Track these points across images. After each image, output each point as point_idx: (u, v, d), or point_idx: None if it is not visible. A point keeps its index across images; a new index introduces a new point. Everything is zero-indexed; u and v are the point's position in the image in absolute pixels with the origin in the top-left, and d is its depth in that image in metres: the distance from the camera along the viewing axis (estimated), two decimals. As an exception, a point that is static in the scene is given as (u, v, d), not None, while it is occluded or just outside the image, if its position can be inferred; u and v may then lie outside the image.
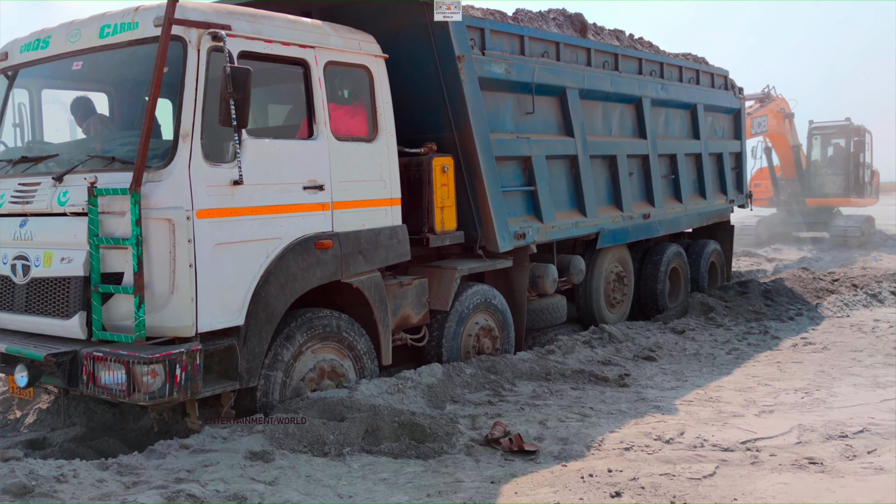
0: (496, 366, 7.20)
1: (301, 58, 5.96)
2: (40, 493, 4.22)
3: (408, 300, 7.05)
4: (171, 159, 5.14)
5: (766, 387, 7.16)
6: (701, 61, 12.44)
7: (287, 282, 5.74)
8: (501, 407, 6.38)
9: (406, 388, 6.29)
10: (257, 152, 5.59)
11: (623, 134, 10.04)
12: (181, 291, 5.11)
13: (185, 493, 4.31)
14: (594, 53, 9.35)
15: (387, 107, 6.63)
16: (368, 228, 6.43)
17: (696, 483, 4.80)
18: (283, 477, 4.74)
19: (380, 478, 4.89)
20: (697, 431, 5.79)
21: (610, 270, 10.00)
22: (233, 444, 5.12)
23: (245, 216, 5.48)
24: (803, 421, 6.00)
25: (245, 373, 5.48)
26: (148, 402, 5.02)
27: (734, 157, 13.08)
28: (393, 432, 5.48)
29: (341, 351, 6.21)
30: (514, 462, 5.23)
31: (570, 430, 5.81)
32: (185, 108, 5.18)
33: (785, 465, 5.10)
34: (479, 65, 7.51)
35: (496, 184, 7.70)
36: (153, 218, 5.07)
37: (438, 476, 4.93)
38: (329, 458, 5.14)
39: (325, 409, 5.63)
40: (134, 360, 4.93)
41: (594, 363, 7.88)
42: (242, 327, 5.46)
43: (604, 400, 6.72)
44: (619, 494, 4.63)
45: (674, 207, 10.99)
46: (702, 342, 9.07)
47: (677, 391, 7.06)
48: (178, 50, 5.21)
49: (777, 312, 10.70)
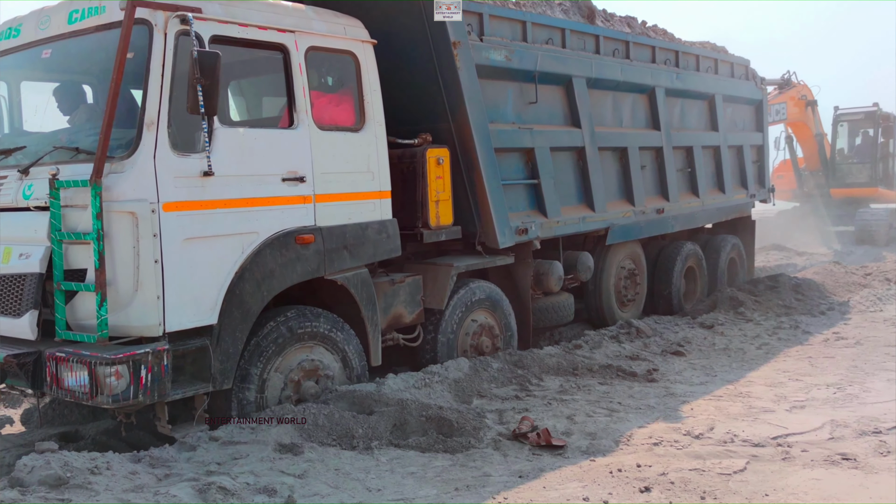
0: (523, 360, 7.14)
1: (280, 43, 5.66)
2: (75, 485, 4.25)
3: (400, 298, 6.73)
4: (134, 149, 4.87)
5: (798, 382, 7.03)
6: (721, 50, 11.99)
7: (264, 278, 5.45)
8: (528, 402, 6.34)
9: (433, 382, 6.27)
10: (231, 142, 5.30)
11: (635, 125, 9.63)
12: (146, 289, 4.84)
13: (216, 485, 4.33)
14: (603, 41, 8.96)
15: (375, 95, 6.31)
16: (355, 223, 6.12)
17: (727, 478, 4.73)
18: (313, 470, 4.75)
19: (408, 471, 4.89)
20: (727, 427, 5.71)
21: (621, 267, 9.60)
22: (262, 435, 5.07)
23: (218, 209, 5.20)
24: (836, 416, 5.89)
25: (218, 374, 5.20)
26: (111, 404, 4.75)
27: (756, 149, 12.60)
28: (420, 426, 5.49)
29: (325, 351, 5.90)
30: (541, 457, 5.20)
31: (598, 425, 5.78)
32: (151, 96, 4.91)
33: (817, 461, 5.00)
34: (476, 51, 7.17)
35: (495, 176, 7.36)
36: (115, 211, 4.80)
37: (466, 470, 4.94)
38: (357, 451, 5.16)
39: (354, 402, 5.65)
40: (96, 361, 4.66)
41: (622, 358, 7.80)
42: (215, 326, 5.19)
43: (632, 395, 6.65)
44: (649, 490, 4.58)
45: (690, 202, 10.56)
46: (731, 337, 8.92)
47: (706, 386, 6.96)
48: (144, 34, 4.94)
49: (808, 307, 10.49)
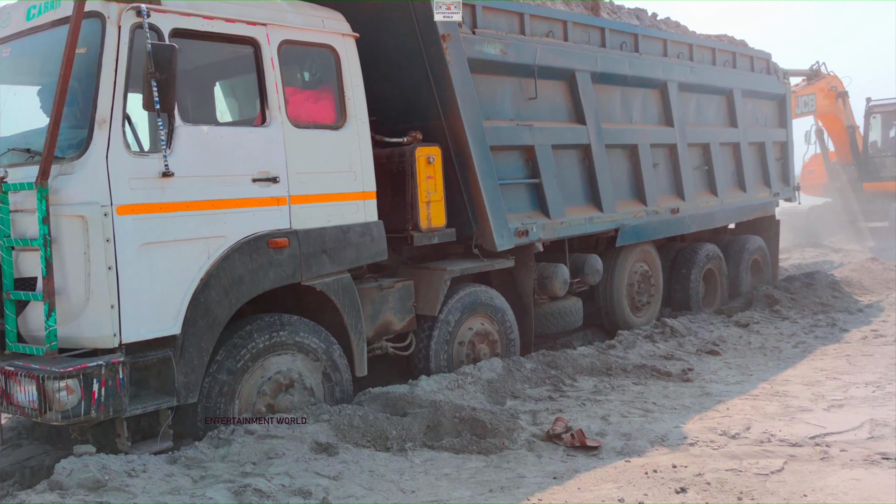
0: (556, 361, 7.13)
1: (249, 36, 5.36)
2: (113, 488, 4.26)
3: (389, 305, 6.39)
4: (85, 149, 4.59)
5: (835, 380, 6.90)
6: (739, 44, 11.48)
7: (232, 285, 5.13)
8: (562, 402, 6.30)
9: (466, 383, 6.24)
10: (194, 140, 5.01)
11: (646, 121, 9.19)
12: (98, 297, 4.55)
13: (251, 487, 4.33)
14: (609, 33, 8.55)
15: (357, 90, 5.98)
16: (335, 225, 5.79)
17: (764, 479, 4.67)
18: (347, 472, 4.77)
19: (442, 473, 4.89)
20: (764, 426, 5.64)
21: (633, 271, 9.13)
22: (298, 431, 5.08)
23: (179, 212, 4.90)
24: (875, 416, 5.78)
25: (182, 388, 4.90)
26: (62, 421, 4.46)
27: (779, 146, 12.06)
28: (454, 428, 5.47)
29: (304, 361, 5.57)
30: (576, 458, 5.18)
31: (632, 426, 5.73)
32: (103, 92, 4.63)
33: (856, 461, 4.90)
34: (468, 44, 6.81)
35: (491, 176, 6.98)
36: (64, 215, 4.53)
37: (500, 471, 4.93)
38: (391, 452, 5.17)
39: (388, 404, 5.70)
40: (45, 375, 4.38)
41: (656, 358, 7.71)
42: (179, 337, 4.88)
43: (666, 395, 6.59)
44: (685, 490, 4.53)
45: (708, 201, 10.08)
46: (767, 335, 8.79)
47: (742, 385, 6.88)
48: (96, 27, 4.66)
49: (845, 304, 10.27)
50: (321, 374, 5.66)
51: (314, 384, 5.62)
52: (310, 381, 5.59)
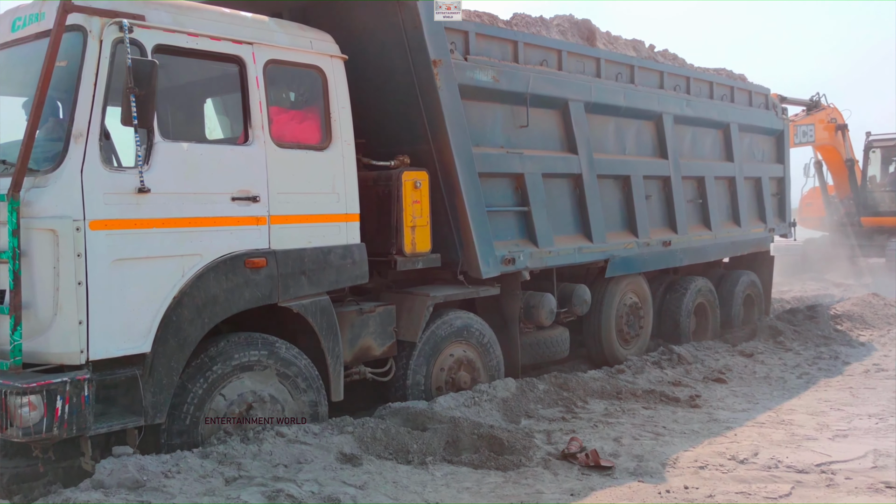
0: (567, 383, 7.36)
1: (235, 54, 5.34)
2: (151, 488, 4.41)
3: (370, 329, 6.31)
4: (60, 162, 4.55)
5: (839, 411, 7.09)
6: (738, 78, 11.48)
7: (206, 305, 5.07)
8: (575, 423, 6.51)
9: (482, 401, 6.42)
10: (173, 157, 4.96)
11: (640, 153, 9.15)
12: (66, 312, 4.48)
13: (284, 492, 4.50)
14: (605, 64, 8.54)
15: (343, 112, 5.95)
16: (315, 246, 5.73)
17: (773, 502, 4.85)
18: (372, 482, 4.92)
19: (463, 486, 5.05)
20: (771, 453, 5.80)
21: (623, 302, 9.05)
22: (325, 440, 5.30)
23: (155, 229, 4.85)
24: (878, 446, 5.95)
25: (150, 407, 4.81)
26: (22, 438, 4.38)
27: (776, 182, 12.01)
28: (472, 444, 5.64)
29: (277, 384, 5.48)
30: (590, 476, 5.34)
31: (644, 448, 5.90)
32: (81, 106, 4.60)
33: (861, 489, 5.07)
34: (459, 71, 6.78)
35: (479, 202, 6.93)
36: (35, 228, 4.47)
37: (519, 487, 5.08)
38: (413, 465, 5.31)
39: (408, 419, 5.89)
40: (7, 391, 4.30)
41: (664, 384, 7.93)
42: (149, 355, 4.81)
43: (676, 420, 6.78)
44: None
45: (701, 235, 10.02)
46: (771, 366, 9.03)
47: (749, 413, 7.08)
48: (78, 40, 4.64)
49: (847, 338, 10.48)
50: (292, 398, 5.55)
51: (287, 407, 5.51)
52: (282, 404, 5.49)
